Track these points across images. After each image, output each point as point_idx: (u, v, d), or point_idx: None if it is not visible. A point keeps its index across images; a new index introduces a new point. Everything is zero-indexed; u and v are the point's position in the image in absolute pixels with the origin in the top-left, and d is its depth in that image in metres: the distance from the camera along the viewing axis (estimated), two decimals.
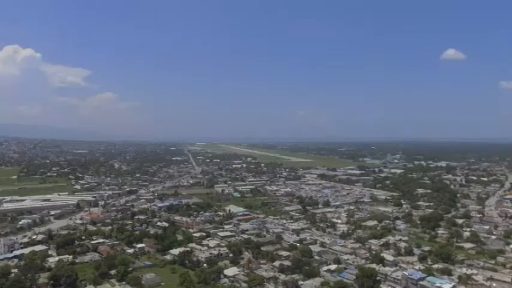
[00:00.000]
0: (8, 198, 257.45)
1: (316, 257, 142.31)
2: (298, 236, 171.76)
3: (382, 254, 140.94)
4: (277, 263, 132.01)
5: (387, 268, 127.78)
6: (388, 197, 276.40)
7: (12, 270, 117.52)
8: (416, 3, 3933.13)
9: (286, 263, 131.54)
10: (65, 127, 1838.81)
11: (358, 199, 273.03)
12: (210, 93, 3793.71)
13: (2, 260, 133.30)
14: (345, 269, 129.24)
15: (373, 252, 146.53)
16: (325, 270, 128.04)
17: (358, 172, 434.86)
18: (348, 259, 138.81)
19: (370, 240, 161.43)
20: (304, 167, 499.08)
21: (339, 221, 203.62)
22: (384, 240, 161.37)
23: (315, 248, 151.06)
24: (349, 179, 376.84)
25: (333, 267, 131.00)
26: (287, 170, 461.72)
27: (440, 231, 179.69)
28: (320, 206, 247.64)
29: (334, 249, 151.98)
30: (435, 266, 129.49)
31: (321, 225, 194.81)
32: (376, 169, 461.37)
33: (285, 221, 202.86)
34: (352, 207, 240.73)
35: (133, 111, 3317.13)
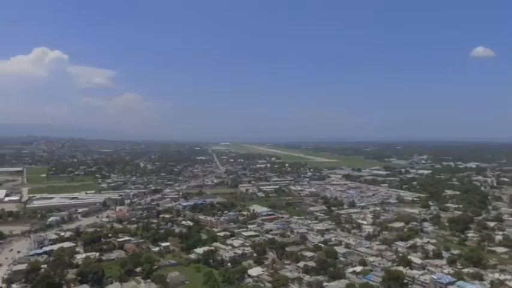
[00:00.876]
0: (38, 196, 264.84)
1: (341, 258, 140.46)
2: (322, 236, 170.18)
3: (409, 257, 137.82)
4: (301, 264, 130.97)
5: (414, 271, 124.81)
6: (415, 198, 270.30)
7: (42, 266, 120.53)
8: (445, 2, 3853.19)
9: (311, 263, 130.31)
10: (91, 127, 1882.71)
11: (384, 200, 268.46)
12: (233, 93, 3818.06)
13: (32, 255, 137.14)
14: (371, 271, 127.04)
15: (400, 254, 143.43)
16: (350, 272, 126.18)
17: (383, 173, 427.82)
18: (373, 261, 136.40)
19: (396, 242, 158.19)
20: (328, 167, 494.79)
21: (365, 222, 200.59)
22: (411, 242, 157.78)
23: (340, 249, 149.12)
24: (375, 179, 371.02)
25: (358, 269, 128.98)
26: (311, 170, 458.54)
27: (471, 234, 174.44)
28: (345, 206, 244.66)
29: (359, 251, 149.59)
30: (465, 270, 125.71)
31: (346, 226, 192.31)
32: (403, 170, 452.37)
33: (309, 222, 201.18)
34: (377, 208, 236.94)
35: (158, 111, 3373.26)
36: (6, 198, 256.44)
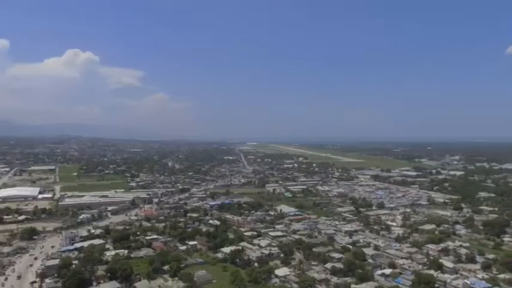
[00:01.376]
0: (69, 193, 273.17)
1: (370, 261, 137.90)
2: (350, 238, 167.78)
3: (440, 260, 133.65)
4: (329, 265, 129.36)
5: (446, 275, 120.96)
6: (446, 200, 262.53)
7: (73, 262, 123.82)
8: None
9: (339, 265, 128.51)
10: (121, 126, 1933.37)
11: (414, 201, 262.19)
12: (259, 94, 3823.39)
13: (64, 251, 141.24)
14: (400, 274, 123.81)
15: (431, 257, 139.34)
16: (379, 275, 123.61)
17: (414, 173, 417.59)
18: (403, 264, 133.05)
19: (427, 245, 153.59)
20: (356, 167, 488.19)
21: (394, 223, 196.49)
22: (442, 245, 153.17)
23: (369, 251, 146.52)
24: (405, 180, 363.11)
25: (387, 271, 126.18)
26: (339, 170, 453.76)
27: (507, 238, 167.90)
28: (374, 207, 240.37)
29: (388, 253, 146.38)
30: (501, 276, 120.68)
31: (375, 227, 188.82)
32: (434, 170, 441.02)
33: (337, 222, 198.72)
34: (407, 210, 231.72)
35: (185, 111, 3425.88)
36: (40, 196, 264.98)
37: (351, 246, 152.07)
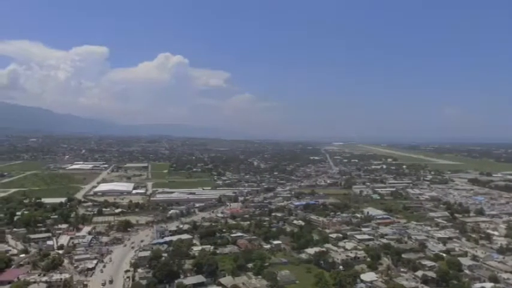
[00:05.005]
0: (160, 190, 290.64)
1: (467, 271, 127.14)
2: (444, 245, 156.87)
3: None
4: (419, 273, 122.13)
5: None
6: None
7: (163, 254, 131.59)
8: None
9: (431, 274, 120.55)
10: (208, 126, 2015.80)
11: None
12: (345, 93, 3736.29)
13: (155, 244, 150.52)
14: None
15: None
16: None
17: None
18: (508, 278, 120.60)
19: None
20: (452, 170, 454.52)
21: (496, 232, 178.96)
22: None
23: (465, 261, 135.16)
24: (509, 185, 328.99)
25: (488, 285, 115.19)
26: (432, 172, 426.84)
27: None
28: (472, 214, 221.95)
29: (489, 265, 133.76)
30: None
31: (473, 235, 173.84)
32: None
33: (429, 228, 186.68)
34: None
35: (270, 111, 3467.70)
36: (134, 191, 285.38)
37: (444, 255, 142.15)
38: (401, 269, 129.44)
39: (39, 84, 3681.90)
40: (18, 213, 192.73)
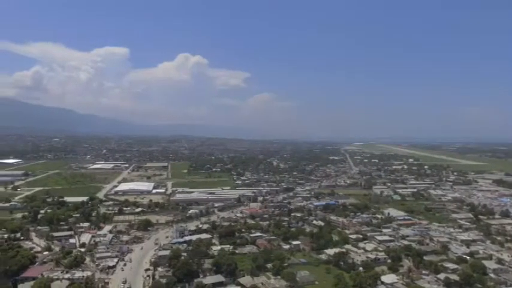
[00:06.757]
0: (180, 189, 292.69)
1: (492, 275, 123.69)
2: (468, 248, 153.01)
3: None
4: (442, 276, 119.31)
5: None
6: None
7: (182, 254, 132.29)
8: None
9: (454, 277, 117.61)
10: (227, 126, 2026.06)
11: None
12: (365, 92, 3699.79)
13: (175, 243, 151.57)
14: None
15: None
16: None
17: None
18: None
19: None
20: (476, 170, 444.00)
21: None
22: None
23: (490, 265, 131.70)
24: None
25: None
26: (455, 173, 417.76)
27: None
28: (497, 216, 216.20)
29: None
30: None
31: (498, 238, 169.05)
32: None
33: (452, 230, 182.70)
34: None
35: (289, 111, 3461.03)
36: (154, 191, 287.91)
37: (468, 257, 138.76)
38: (423, 271, 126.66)
39: (61, 85, 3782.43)
40: (42, 211, 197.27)
